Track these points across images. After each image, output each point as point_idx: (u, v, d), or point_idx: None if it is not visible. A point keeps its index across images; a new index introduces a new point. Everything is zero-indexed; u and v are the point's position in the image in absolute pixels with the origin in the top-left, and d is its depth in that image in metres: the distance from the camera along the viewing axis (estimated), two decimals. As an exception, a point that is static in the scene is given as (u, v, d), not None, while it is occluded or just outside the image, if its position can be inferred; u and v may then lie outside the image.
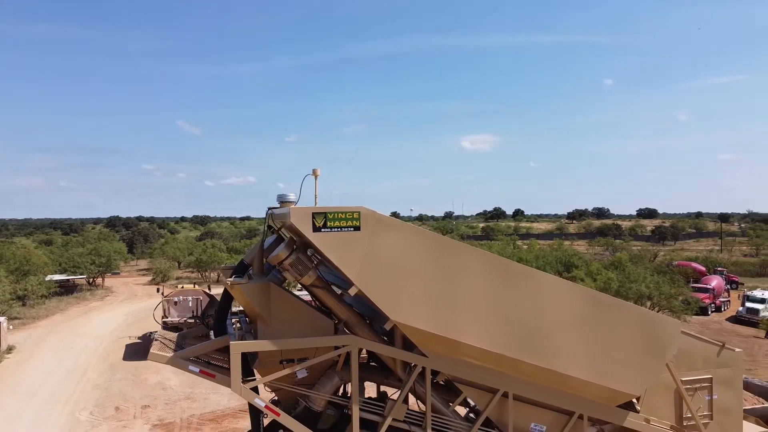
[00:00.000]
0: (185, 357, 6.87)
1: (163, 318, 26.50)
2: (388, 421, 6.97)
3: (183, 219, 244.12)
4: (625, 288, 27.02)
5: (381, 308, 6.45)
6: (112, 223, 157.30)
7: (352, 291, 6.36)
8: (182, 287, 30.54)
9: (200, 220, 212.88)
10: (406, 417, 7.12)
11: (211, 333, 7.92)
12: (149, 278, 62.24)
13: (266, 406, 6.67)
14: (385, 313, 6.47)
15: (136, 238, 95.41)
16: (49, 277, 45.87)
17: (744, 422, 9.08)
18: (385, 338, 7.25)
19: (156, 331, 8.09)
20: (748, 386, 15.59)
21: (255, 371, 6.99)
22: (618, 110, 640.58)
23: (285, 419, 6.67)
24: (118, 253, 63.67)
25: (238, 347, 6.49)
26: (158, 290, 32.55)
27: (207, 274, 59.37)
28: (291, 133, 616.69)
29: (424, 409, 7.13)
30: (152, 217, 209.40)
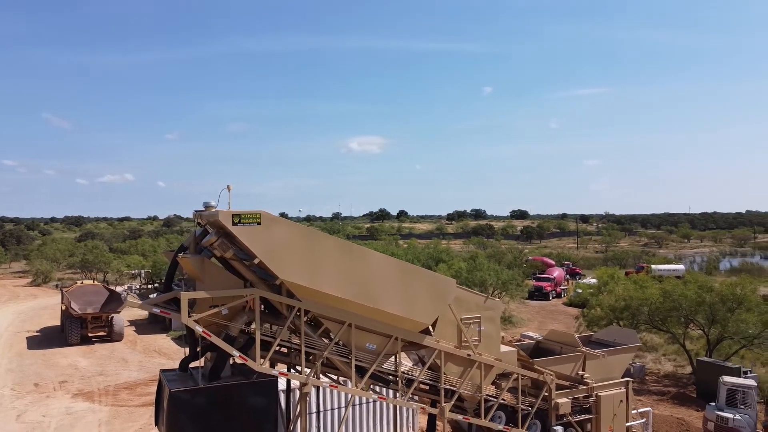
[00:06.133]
0: (150, 303, 10.88)
1: (67, 310, 28.77)
2: (278, 341, 11.42)
3: (53, 219, 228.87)
4: (472, 275, 33.18)
5: (273, 271, 10.87)
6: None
7: (256, 261, 10.76)
8: (82, 283, 32.61)
9: (74, 221, 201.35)
10: (288, 339, 11.65)
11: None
12: (29, 280, 61.18)
13: (203, 331, 10.85)
14: (275, 274, 10.91)
15: (7, 239, 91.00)
16: None
17: (501, 345, 14.59)
18: (275, 291, 11.69)
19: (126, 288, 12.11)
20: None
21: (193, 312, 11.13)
22: (496, 117, 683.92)
23: (215, 339, 10.88)
24: (-5, 254, 61.91)
25: (185, 295, 10.60)
26: (57, 286, 34.25)
27: (93, 274, 59.57)
28: (171, 130, 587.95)
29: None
30: (17, 218, 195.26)
